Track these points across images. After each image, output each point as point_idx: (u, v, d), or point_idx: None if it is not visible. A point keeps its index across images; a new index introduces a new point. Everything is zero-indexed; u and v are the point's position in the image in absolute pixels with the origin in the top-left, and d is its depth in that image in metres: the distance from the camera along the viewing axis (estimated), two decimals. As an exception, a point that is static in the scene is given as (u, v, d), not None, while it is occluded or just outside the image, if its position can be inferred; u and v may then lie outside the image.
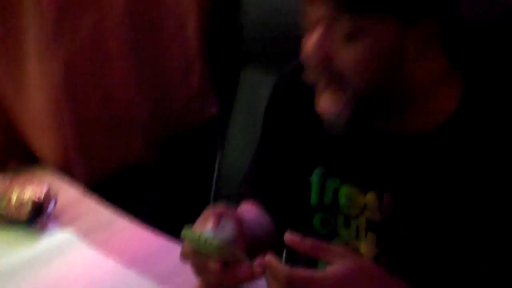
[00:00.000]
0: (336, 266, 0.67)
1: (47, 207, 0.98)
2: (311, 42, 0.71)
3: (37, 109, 1.11)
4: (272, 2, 1.25)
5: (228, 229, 0.75)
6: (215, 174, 1.41)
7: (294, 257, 0.82)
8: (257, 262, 0.71)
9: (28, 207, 0.95)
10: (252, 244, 0.84)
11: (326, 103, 0.75)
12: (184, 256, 0.77)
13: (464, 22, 0.76)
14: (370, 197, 0.82)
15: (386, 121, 0.78)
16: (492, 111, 0.74)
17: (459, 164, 0.75)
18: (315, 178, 0.87)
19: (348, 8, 0.67)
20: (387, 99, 0.74)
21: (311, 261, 0.78)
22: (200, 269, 0.76)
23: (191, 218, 0.86)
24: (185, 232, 0.69)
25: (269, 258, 0.68)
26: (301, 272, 0.66)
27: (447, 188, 0.76)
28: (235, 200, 1.00)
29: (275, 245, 0.86)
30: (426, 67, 0.72)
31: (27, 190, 0.97)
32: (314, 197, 0.88)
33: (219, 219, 0.76)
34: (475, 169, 0.74)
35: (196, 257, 0.74)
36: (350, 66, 0.71)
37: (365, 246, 0.85)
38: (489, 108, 0.74)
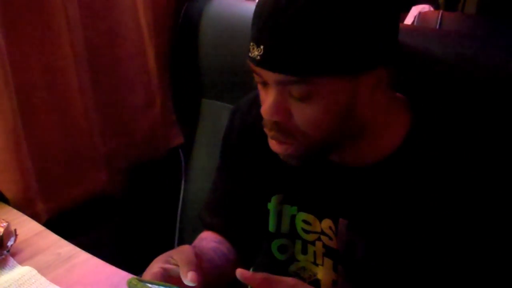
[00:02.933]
0: None
1: (6, 242, 0.96)
2: (269, 101, 0.73)
3: (-4, 145, 1.10)
4: (228, 40, 1.28)
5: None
6: (180, 203, 1.42)
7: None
8: None
9: (-13, 243, 0.94)
10: (212, 274, 0.85)
11: (279, 147, 0.77)
12: None
13: (408, 62, 0.79)
14: (326, 223, 0.84)
15: (338, 153, 0.81)
16: (437, 141, 0.77)
17: (406, 190, 0.78)
18: (272, 205, 0.89)
19: (298, 75, 0.69)
20: (338, 139, 0.76)
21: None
22: None
23: (156, 249, 0.87)
24: (129, 282, 0.69)
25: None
26: None
27: (397, 213, 0.78)
28: (200, 229, 1.01)
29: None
30: (375, 105, 0.75)
31: (-14, 226, 0.96)
32: (271, 224, 0.89)
33: (166, 265, 0.76)
34: (422, 195, 0.76)
35: None
36: (306, 122, 0.73)
37: (323, 271, 0.87)
38: (434, 138, 0.77)
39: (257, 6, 0.72)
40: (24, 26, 1.12)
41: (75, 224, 1.22)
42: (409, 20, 1.76)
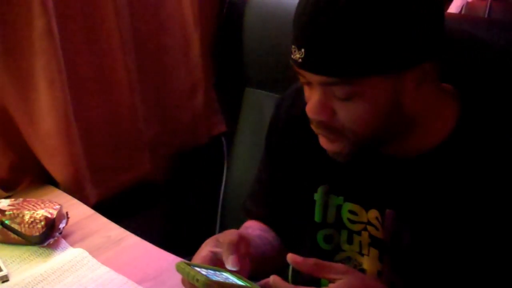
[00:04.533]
0: (339, 282, 0.69)
1: (59, 225, 1.00)
2: (314, 101, 0.73)
3: (47, 131, 1.13)
4: (272, 29, 1.28)
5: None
6: (222, 190, 1.44)
7: (300, 274, 0.84)
8: (262, 282, 0.73)
9: (41, 224, 0.97)
10: (258, 260, 0.86)
11: (329, 145, 0.77)
12: (183, 284, 0.77)
13: (456, 51, 0.78)
14: (373, 214, 0.84)
15: (386, 145, 0.81)
16: (485, 133, 0.76)
17: (455, 181, 0.77)
18: (318, 196, 0.89)
19: (342, 77, 0.69)
20: (386, 134, 0.76)
21: (316, 277, 0.79)
22: None
23: (199, 233, 0.88)
24: (178, 265, 0.70)
25: (274, 278, 0.70)
26: None
27: (445, 204, 0.78)
28: (241, 216, 1.02)
29: (282, 260, 0.87)
30: (422, 99, 0.74)
31: (40, 209, 0.99)
32: (317, 215, 0.89)
33: (215, 248, 0.77)
34: (471, 185, 0.76)
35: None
36: (352, 120, 0.73)
37: (368, 262, 0.87)
38: (483, 130, 0.76)
39: (297, 7, 0.72)
40: (75, 17, 1.15)
41: (120, 209, 1.25)
42: (453, 9, 1.72)
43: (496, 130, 0.76)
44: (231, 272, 0.74)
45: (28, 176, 1.19)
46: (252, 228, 0.96)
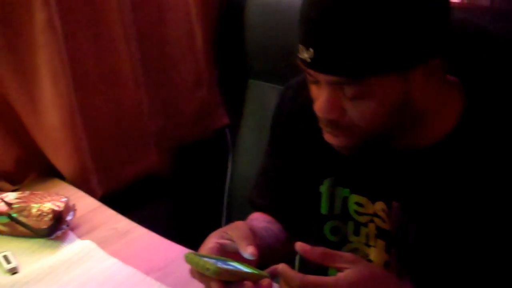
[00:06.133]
0: (348, 271, 0.69)
1: (66, 217, 1.00)
2: (323, 100, 0.73)
3: (52, 124, 1.14)
4: (274, 20, 1.28)
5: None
6: (228, 182, 1.44)
7: (307, 264, 0.84)
8: (270, 269, 0.73)
9: (48, 217, 0.97)
10: (264, 252, 0.86)
11: (335, 140, 0.78)
12: (192, 275, 0.77)
13: (460, 43, 0.78)
14: (379, 206, 0.85)
15: (392, 139, 0.81)
16: (491, 124, 0.76)
17: (461, 173, 0.77)
18: (324, 188, 0.89)
19: (351, 77, 0.69)
20: (394, 129, 0.76)
21: (323, 267, 0.80)
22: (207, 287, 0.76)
23: (205, 226, 0.89)
24: (186, 256, 0.71)
25: (282, 266, 0.70)
26: (314, 278, 0.68)
27: (451, 196, 0.78)
28: (248, 208, 1.03)
29: (288, 252, 0.87)
30: (430, 93, 0.74)
31: (47, 201, 1.00)
32: (324, 207, 0.90)
33: (222, 240, 0.77)
34: (477, 177, 0.76)
35: (201, 277, 0.73)
36: (362, 119, 0.73)
37: (375, 253, 0.87)
38: (488, 121, 0.76)
39: (303, 5, 0.71)
40: (78, 10, 1.15)
41: (127, 202, 1.25)
42: (457, -2, 1.71)
43: (501, 121, 0.76)
44: (238, 262, 0.74)
45: (34, 170, 1.19)
46: (258, 220, 0.97)
